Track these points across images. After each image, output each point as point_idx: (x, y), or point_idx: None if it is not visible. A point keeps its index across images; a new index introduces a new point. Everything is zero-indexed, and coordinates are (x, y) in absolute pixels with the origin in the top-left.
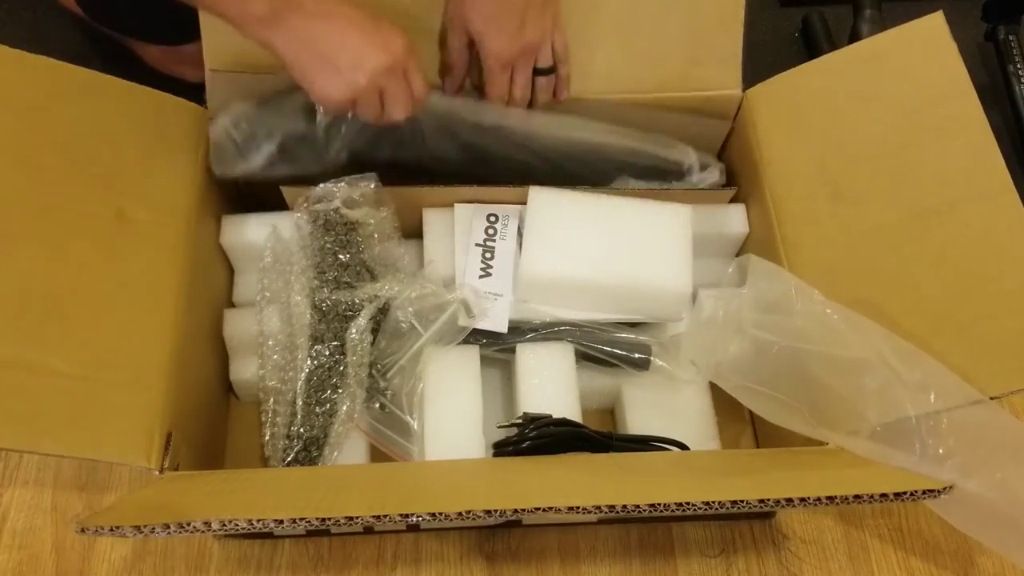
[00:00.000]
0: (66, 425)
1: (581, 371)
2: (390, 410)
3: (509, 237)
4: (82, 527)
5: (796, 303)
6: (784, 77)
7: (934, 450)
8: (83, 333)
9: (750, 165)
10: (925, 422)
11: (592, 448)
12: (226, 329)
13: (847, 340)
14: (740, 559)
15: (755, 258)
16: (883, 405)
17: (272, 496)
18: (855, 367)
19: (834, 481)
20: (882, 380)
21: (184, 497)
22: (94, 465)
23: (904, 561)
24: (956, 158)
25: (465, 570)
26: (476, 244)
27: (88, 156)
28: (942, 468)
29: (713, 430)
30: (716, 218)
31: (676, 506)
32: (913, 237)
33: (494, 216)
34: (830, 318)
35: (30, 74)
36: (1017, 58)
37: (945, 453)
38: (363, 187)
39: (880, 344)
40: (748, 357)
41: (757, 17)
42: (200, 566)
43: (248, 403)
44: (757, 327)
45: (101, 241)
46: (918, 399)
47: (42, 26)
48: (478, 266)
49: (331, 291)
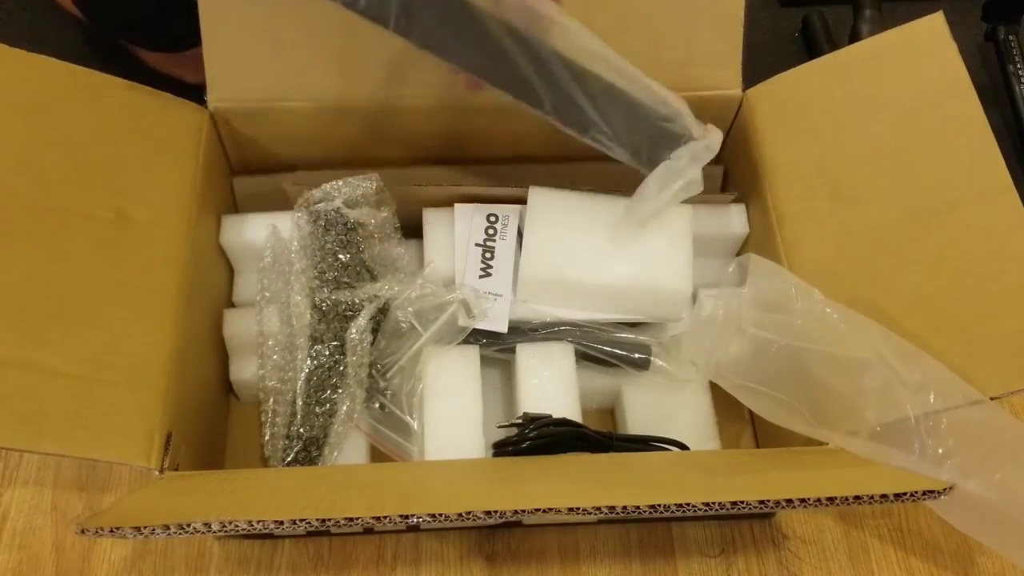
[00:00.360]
0: (66, 425)
1: (581, 371)
2: (390, 410)
3: (509, 237)
4: (82, 528)
5: (796, 302)
6: (784, 77)
7: (933, 450)
8: (83, 333)
9: (750, 165)
10: (924, 422)
11: (592, 448)
12: (226, 329)
13: (847, 339)
14: (740, 559)
15: (755, 257)
16: (883, 405)
17: (272, 497)
18: (855, 366)
19: (834, 482)
20: (882, 380)
21: (184, 497)
22: (94, 465)
23: (904, 561)
24: (956, 158)
25: (465, 570)
26: (476, 244)
27: (88, 156)
28: (941, 468)
29: (713, 430)
30: (716, 218)
31: (676, 507)
32: (913, 237)
33: (494, 216)
34: (830, 317)
35: (29, 74)
36: (1017, 58)
37: (944, 453)
38: (364, 187)
39: (880, 344)
40: (747, 356)
41: (757, 17)
42: (200, 566)
43: (248, 403)
44: (756, 326)
45: (101, 241)
46: (918, 399)
47: (41, 27)
48: (478, 266)
49: (331, 291)
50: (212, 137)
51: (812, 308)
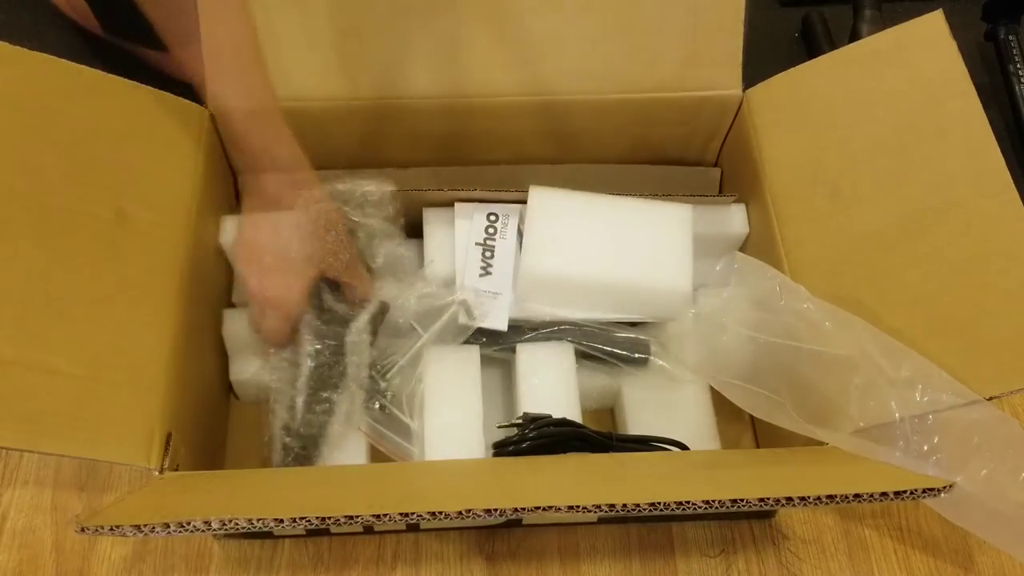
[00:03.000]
0: (66, 425)
1: (581, 371)
2: (390, 411)
3: (509, 236)
4: (82, 526)
5: (781, 300)
6: (784, 77)
7: (919, 447)
8: (83, 333)
9: (750, 165)
10: (910, 419)
11: (592, 448)
12: (226, 329)
13: (832, 337)
14: (740, 559)
15: (740, 255)
16: (867, 402)
17: (272, 495)
18: (839, 364)
19: (834, 480)
20: (866, 377)
21: (184, 496)
22: (94, 465)
23: (904, 560)
24: (956, 158)
25: (465, 570)
26: (476, 243)
27: (89, 155)
28: (926, 464)
29: (713, 430)
30: (716, 218)
31: (676, 505)
32: (913, 236)
33: (494, 215)
34: (815, 315)
35: (30, 73)
36: (1017, 58)
37: (930, 449)
38: (367, 187)
39: (866, 341)
40: (733, 353)
41: (757, 17)
42: (200, 566)
43: (248, 403)
44: (742, 324)
45: (101, 241)
46: (904, 396)
47: (41, 27)
48: (478, 265)
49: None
50: (212, 137)
51: (797, 306)
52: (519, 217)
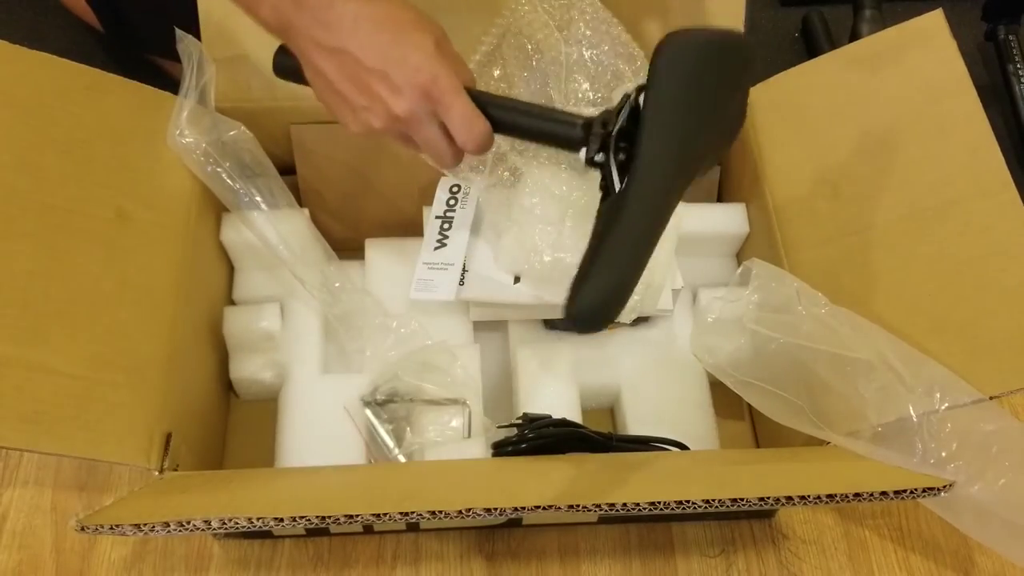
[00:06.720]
0: (66, 425)
1: (581, 371)
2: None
3: (469, 205)
4: (82, 526)
5: (799, 305)
6: (784, 77)
7: (936, 453)
8: (83, 333)
9: (750, 165)
10: (927, 425)
11: (592, 448)
12: (226, 327)
13: (850, 342)
14: (740, 559)
15: (759, 262)
16: (884, 406)
17: (272, 494)
18: (856, 367)
19: (834, 479)
20: (883, 382)
21: (184, 496)
22: (94, 465)
23: (904, 561)
24: (956, 157)
25: (465, 570)
26: (436, 216)
27: (89, 155)
28: (944, 472)
29: (713, 430)
30: (716, 218)
31: (676, 504)
32: (913, 236)
33: (456, 187)
34: (833, 320)
35: (30, 71)
36: (1017, 58)
37: (947, 457)
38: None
39: (884, 348)
40: (750, 353)
41: (757, 17)
42: (200, 566)
43: (248, 402)
44: (760, 324)
45: (101, 241)
46: (921, 402)
47: (42, 26)
48: (435, 238)
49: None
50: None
51: (815, 311)
52: (479, 188)
